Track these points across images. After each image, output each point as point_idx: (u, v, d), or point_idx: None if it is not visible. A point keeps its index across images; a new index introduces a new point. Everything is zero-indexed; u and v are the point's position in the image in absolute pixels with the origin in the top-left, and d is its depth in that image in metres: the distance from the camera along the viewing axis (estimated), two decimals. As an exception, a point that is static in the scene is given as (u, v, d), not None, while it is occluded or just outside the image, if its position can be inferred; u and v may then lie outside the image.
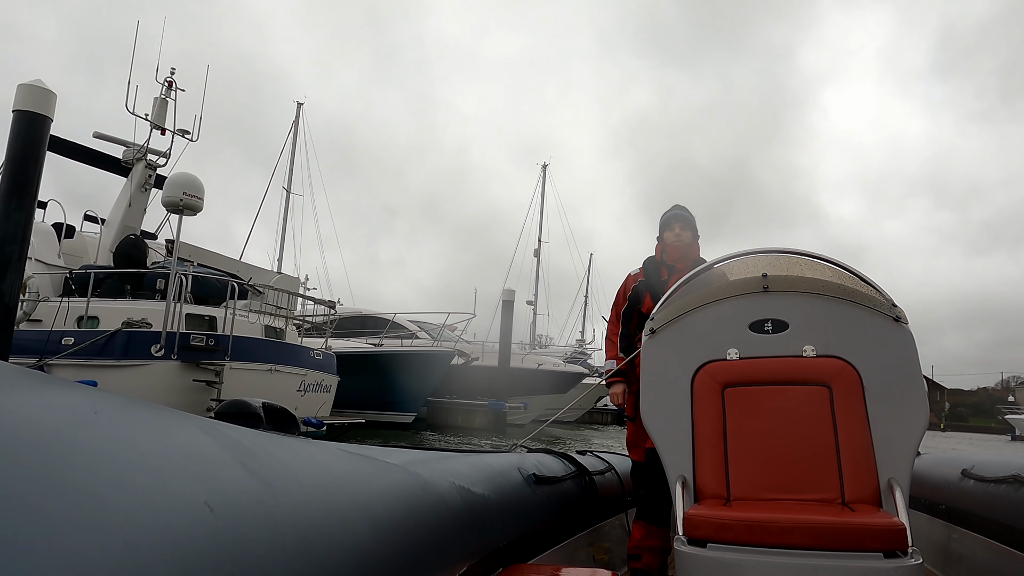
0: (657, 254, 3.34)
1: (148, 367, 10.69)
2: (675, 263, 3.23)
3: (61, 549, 0.54)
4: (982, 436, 37.89)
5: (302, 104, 31.02)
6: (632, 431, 3.28)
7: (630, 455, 3.36)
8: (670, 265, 3.24)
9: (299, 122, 30.67)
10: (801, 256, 2.55)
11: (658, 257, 3.32)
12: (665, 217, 3.33)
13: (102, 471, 0.66)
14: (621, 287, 3.39)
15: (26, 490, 0.56)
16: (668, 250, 3.26)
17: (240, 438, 0.99)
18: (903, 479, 2.11)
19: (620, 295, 3.37)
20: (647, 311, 3.14)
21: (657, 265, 3.29)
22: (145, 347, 10.76)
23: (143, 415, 0.85)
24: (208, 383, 10.91)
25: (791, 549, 1.80)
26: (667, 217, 3.32)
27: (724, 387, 2.37)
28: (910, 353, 2.28)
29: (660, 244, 3.34)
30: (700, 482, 2.25)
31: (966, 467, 3.05)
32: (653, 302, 3.13)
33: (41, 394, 0.73)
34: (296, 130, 30.49)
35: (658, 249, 3.35)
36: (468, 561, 1.61)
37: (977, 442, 30.28)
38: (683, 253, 3.24)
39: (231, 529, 0.75)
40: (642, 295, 3.26)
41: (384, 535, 1.13)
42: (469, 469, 1.90)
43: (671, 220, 3.29)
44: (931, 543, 3.13)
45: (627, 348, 3.30)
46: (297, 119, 30.74)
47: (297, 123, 30.66)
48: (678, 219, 3.28)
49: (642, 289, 3.27)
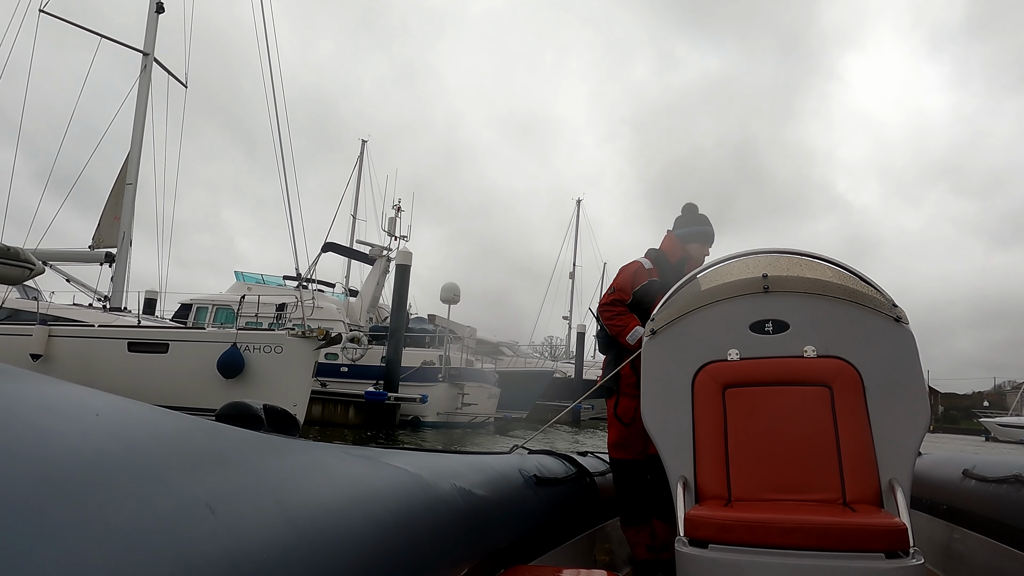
0: (672, 257, 3.26)
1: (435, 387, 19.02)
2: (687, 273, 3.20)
3: (62, 551, 0.54)
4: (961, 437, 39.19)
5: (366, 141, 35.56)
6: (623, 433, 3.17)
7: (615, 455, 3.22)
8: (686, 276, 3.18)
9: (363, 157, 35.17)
10: (801, 256, 2.55)
11: (672, 261, 3.25)
12: (701, 231, 3.31)
13: (102, 471, 0.66)
14: (629, 275, 3.23)
15: (27, 491, 0.56)
16: (691, 262, 3.22)
17: (241, 439, 0.99)
18: (904, 479, 2.11)
19: (626, 282, 3.22)
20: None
21: (673, 270, 3.20)
22: (435, 375, 19.34)
23: (144, 417, 0.85)
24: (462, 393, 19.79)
25: (792, 550, 1.80)
26: (704, 233, 3.31)
27: (725, 388, 2.37)
28: (911, 353, 2.28)
29: (680, 250, 3.27)
30: (701, 483, 2.25)
31: (967, 467, 3.04)
32: None
33: (43, 396, 0.73)
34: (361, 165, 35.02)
35: (675, 252, 3.28)
36: (469, 562, 1.61)
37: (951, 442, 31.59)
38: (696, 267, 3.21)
39: (232, 531, 0.75)
40: (655, 296, 3.10)
41: (385, 536, 1.13)
42: (470, 470, 1.90)
43: (707, 238, 3.31)
44: (932, 543, 3.12)
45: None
46: (362, 155, 35.22)
47: (362, 158, 35.09)
48: (710, 239, 3.31)
49: (656, 290, 3.12)
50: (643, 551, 3.10)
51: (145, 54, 14.84)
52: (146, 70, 14.81)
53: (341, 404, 17.22)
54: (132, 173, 14.33)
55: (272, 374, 12.95)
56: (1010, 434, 37.03)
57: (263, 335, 13.39)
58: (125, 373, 12.93)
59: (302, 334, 12.90)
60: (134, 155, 14.35)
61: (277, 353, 12.93)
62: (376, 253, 23.23)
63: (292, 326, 14.07)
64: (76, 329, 13.73)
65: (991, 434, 38.96)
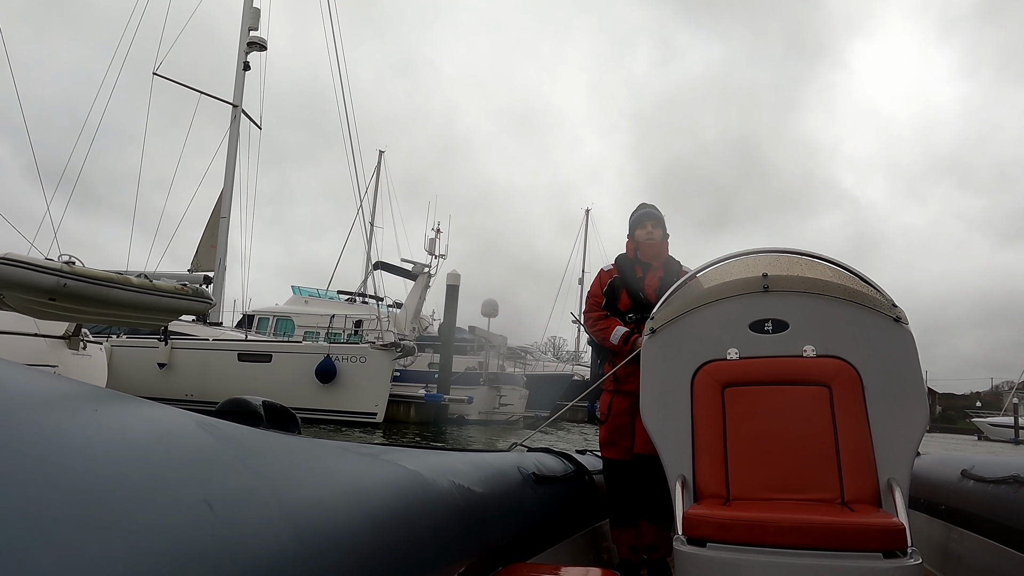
0: (629, 252, 3.37)
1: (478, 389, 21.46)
2: (650, 260, 3.26)
3: (61, 548, 0.54)
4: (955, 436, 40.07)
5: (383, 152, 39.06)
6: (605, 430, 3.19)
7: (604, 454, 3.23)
8: (644, 263, 3.27)
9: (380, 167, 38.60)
10: (801, 256, 2.55)
11: (630, 255, 3.35)
12: (636, 215, 3.38)
13: (102, 469, 0.66)
14: (596, 281, 3.39)
15: (26, 488, 0.56)
16: (642, 248, 3.30)
17: (240, 436, 0.99)
18: (903, 479, 2.11)
19: (596, 288, 3.37)
20: (624, 308, 3.20)
21: (631, 263, 3.31)
22: (476, 379, 21.85)
23: (143, 413, 0.85)
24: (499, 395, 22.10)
25: (790, 549, 1.80)
26: (638, 216, 3.37)
27: (724, 387, 2.37)
28: (910, 353, 2.28)
29: (632, 242, 3.37)
30: (700, 482, 2.25)
31: (966, 467, 3.04)
32: (629, 298, 3.19)
33: (42, 392, 0.73)
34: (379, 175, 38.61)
35: (630, 247, 3.38)
36: (467, 560, 1.61)
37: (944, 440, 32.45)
38: (656, 251, 3.28)
39: (231, 527, 0.75)
40: (618, 291, 3.27)
41: (383, 533, 1.13)
42: (469, 468, 1.90)
43: (643, 218, 3.35)
44: (931, 543, 3.12)
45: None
46: (379, 165, 38.58)
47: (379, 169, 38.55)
48: (650, 217, 3.34)
49: (618, 285, 3.27)
50: (625, 551, 3.11)
51: (234, 106, 17.34)
52: (235, 120, 17.35)
53: (403, 404, 19.41)
54: (225, 208, 16.80)
55: (358, 380, 16.20)
56: (1000, 433, 38.62)
57: (351, 348, 16.78)
58: (235, 379, 15.67)
59: (382, 346, 16.19)
60: (227, 193, 16.72)
61: (362, 363, 16.30)
62: (418, 270, 25.95)
63: (373, 339, 17.26)
64: (194, 342, 16.53)
65: (983, 433, 40.43)
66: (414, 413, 19.46)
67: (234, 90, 17.41)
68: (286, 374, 16.36)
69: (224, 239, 16.75)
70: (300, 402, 15.16)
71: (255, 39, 17.46)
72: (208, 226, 17.17)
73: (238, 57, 17.38)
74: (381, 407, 16.43)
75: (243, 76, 17.42)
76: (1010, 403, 41.62)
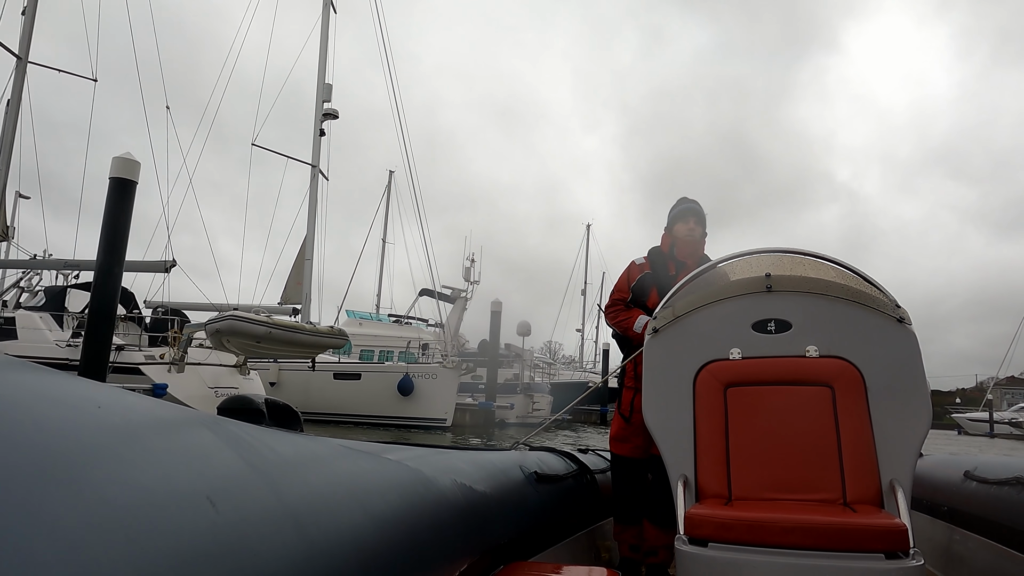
0: (664, 247, 3.21)
1: (516, 397, 26.28)
2: (685, 259, 3.11)
3: (63, 545, 0.54)
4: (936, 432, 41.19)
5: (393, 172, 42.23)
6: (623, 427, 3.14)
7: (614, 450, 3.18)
8: (680, 260, 3.12)
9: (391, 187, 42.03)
10: (805, 256, 2.54)
11: (665, 250, 3.19)
12: (679, 209, 3.20)
13: (104, 466, 0.66)
14: (624, 274, 3.22)
15: (27, 485, 0.56)
16: (679, 244, 3.14)
17: (243, 434, 0.99)
18: (905, 480, 2.11)
19: (623, 282, 3.20)
20: (652, 306, 2.99)
21: (665, 259, 3.16)
22: (514, 388, 26.83)
23: (146, 410, 0.85)
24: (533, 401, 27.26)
25: (792, 549, 1.80)
26: (681, 210, 3.19)
27: (726, 387, 2.37)
28: (913, 354, 2.28)
29: (669, 236, 3.20)
30: (702, 481, 2.25)
31: (968, 468, 3.04)
32: (659, 297, 2.99)
33: (44, 388, 0.73)
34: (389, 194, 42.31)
35: (666, 241, 3.21)
36: (469, 558, 1.61)
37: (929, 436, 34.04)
38: (693, 249, 3.13)
39: (233, 525, 0.75)
40: (648, 289, 3.13)
41: (385, 531, 1.13)
42: (470, 466, 1.90)
43: (685, 213, 3.16)
44: (933, 544, 3.12)
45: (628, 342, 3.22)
46: (389, 184, 42.05)
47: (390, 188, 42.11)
48: (693, 213, 3.16)
49: (648, 283, 3.13)
50: (626, 550, 3.08)
51: (313, 166, 20.41)
52: (314, 179, 20.32)
53: (459, 411, 22.29)
54: (309, 251, 19.78)
55: (431, 393, 20.19)
56: (977, 427, 40.71)
57: (424, 366, 21.12)
58: (332, 394, 20.14)
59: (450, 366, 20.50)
60: (310, 238, 19.87)
61: (433, 379, 20.26)
62: (455, 295, 29.11)
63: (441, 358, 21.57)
64: (297, 364, 19.32)
65: (963, 428, 42.14)
66: (469, 418, 22.73)
67: (311, 153, 20.75)
68: (373, 389, 20.33)
69: (309, 278, 19.76)
70: (385, 411, 20.10)
71: (329, 110, 20.71)
72: (294, 266, 20.48)
73: (314, 126, 20.60)
74: (450, 414, 20.34)
75: (319, 141, 20.74)
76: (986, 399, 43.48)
